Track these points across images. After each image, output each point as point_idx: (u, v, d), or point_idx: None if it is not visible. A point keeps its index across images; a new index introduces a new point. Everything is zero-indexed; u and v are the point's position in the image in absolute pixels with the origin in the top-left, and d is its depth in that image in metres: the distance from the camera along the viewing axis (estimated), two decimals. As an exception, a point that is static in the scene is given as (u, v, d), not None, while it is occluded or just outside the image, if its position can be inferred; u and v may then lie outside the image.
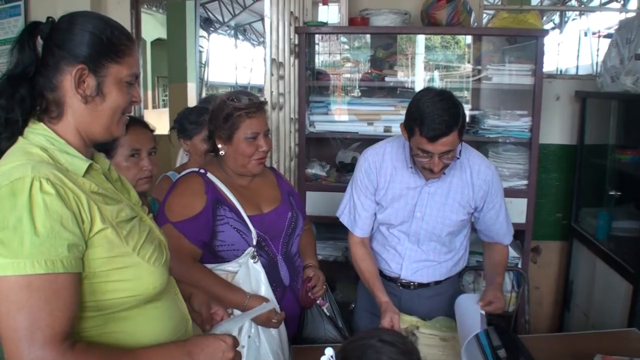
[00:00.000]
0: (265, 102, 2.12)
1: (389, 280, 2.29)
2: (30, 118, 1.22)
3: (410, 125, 1.97)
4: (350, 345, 1.24)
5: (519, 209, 3.21)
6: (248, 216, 2.02)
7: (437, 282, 2.29)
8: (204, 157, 2.33)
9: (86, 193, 1.18)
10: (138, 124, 1.99)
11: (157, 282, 1.28)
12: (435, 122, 1.89)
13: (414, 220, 2.19)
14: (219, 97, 2.12)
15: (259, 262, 2.01)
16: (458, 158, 2.05)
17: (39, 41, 1.21)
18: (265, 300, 1.98)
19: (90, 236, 1.16)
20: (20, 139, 1.21)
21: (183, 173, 2.13)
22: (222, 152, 2.07)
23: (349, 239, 2.33)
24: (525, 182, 3.27)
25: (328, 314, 2.20)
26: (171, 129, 2.86)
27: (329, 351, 1.19)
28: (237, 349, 1.31)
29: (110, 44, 1.22)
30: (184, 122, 2.73)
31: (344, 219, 2.32)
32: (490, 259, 2.32)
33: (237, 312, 1.95)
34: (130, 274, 1.22)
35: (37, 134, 1.21)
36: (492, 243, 2.33)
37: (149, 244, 1.29)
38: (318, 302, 2.19)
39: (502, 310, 2.02)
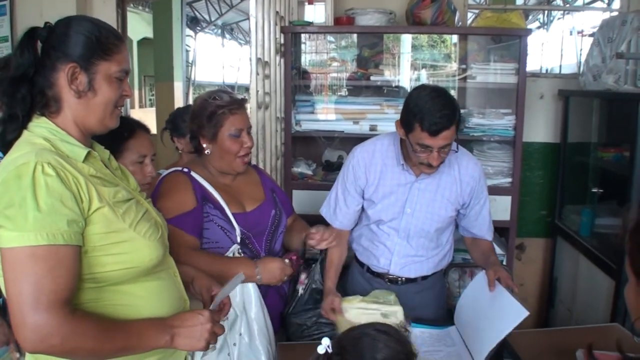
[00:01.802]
0: (245, 99, 2.14)
1: (376, 276, 2.31)
2: (33, 113, 1.36)
3: (409, 121, 1.98)
4: (346, 335, 1.26)
5: (503, 207, 3.23)
6: (232, 214, 2.03)
7: (424, 277, 2.31)
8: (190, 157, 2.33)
9: (85, 176, 1.30)
10: (143, 129, 2.00)
11: (152, 255, 1.40)
12: (436, 116, 1.92)
13: (404, 216, 2.21)
14: (199, 97, 2.14)
15: None
16: (456, 151, 2.09)
17: (39, 44, 1.35)
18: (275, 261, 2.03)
19: (89, 214, 1.28)
20: (25, 132, 1.35)
21: (166, 172, 2.13)
22: (207, 152, 2.08)
23: None
24: (510, 179, 3.30)
25: (301, 292, 2.18)
26: (163, 129, 2.88)
27: (326, 341, 1.20)
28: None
29: (99, 44, 1.35)
30: (177, 120, 2.76)
31: (323, 211, 2.35)
32: (478, 248, 2.33)
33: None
34: (127, 247, 1.35)
35: (40, 126, 1.35)
36: (474, 237, 2.35)
37: (145, 221, 1.42)
38: (300, 279, 2.19)
39: (511, 281, 2.04)
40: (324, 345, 1.20)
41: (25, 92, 1.33)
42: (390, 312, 2.07)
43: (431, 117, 1.92)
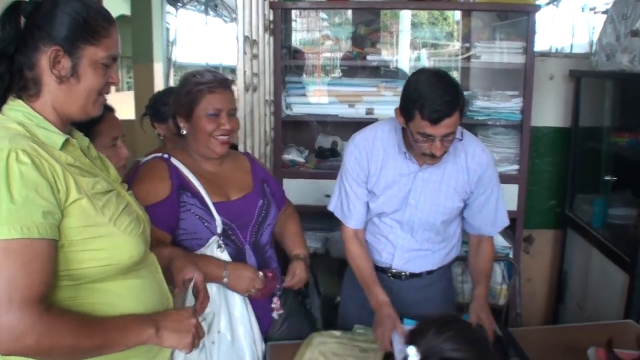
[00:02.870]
0: (231, 80, 2.14)
1: (378, 271, 2.31)
2: (9, 95, 1.34)
3: (409, 109, 1.97)
4: (430, 337, 1.30)
5: (510, 196, 3.24)
6: (213, 203, 2.03)
7: (430, 272, 2.32)
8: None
9: (62, 165, 1.29)
10: (110, 110, 2.00)
11: (133, 252, 1.40)
12: (437, 103, 1.90)
13: (407, 208, 2.21)
14: (184, 76, 2.16)
15: (225, 252, 2.03)
16: (461, 140, 2.08)
17: (22, 20, 1.32)
18: (247, 269, 2.02)
19: (66, 206, 1.27)
20: None
21: (146, 159, 2.14)
22: (184, 131, 2.10)
23: (342, 233, 2.32)
24: (517, 167, 3.31)
25: (276, 318, 2.18)
26: (143, 115, 2.87)
27: (412, 350, 1.26)
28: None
29: (87, 26, 1.33)
30: (157, 105, 2.75)
31: (337, 212, 2.32)
32: (476, 264, 2.34)
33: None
34: (106, 243, 1.34)
35: (15, 110, 1.33)
36: (478, 242, 2.35)
37: (126, 216, 1.41)
38: (273, 304, 2.16)
39: (494, 326, 2.06)
40: (413, 354, 1.25)
41: (3, 71, 1.31)
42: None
43: (432, 104, 1.90)
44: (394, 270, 2.31)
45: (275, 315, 2.17)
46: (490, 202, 2.27)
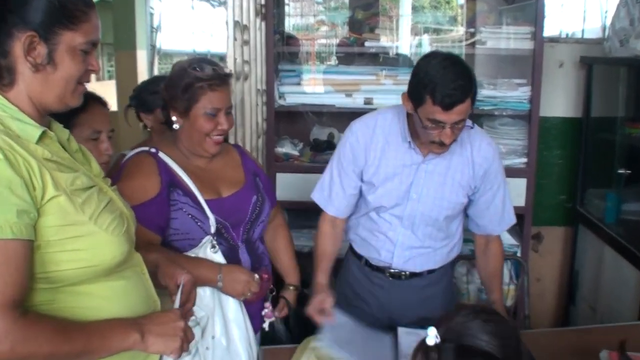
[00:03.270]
0: (230, 75, 2.12)
1: (376, 270, 2.33)
2: None
3: (419, 94, 1.97)
4: (453, 319, 1.29)
5: (517, 191, 3.25)
6: (205, 201, 2.03)
7: (431, 271, 2.33)
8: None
9: (38, 160, 1.27)
10: (98, 101, 2.00)
11: (116, 252, 1.39)
12: (450, 87, 1.91)
13: (409, 202, 2.21)
14: (179, 63, 2.12)
15: (219, 253, 2.03)
16: (471, 127, 2.10)
17: None
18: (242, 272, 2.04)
19: (43, 203, 1.26)
20: None
21: (131, 153, 2.12)
22: (176, 126, 2.07)
23: (320, 218, 2.36)
24: (525, 160, 3.32)
25: (267, 329, 2.22)
26: (127, 106, 2.86)
27: (433, 331, 1.23)
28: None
29: (63, 10, 1.30)
30: (142, 94, 2.73)
31: (316, 196, 2.34)
32: (485, 267, 2.38)
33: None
34: (86, 243, 1.33)
35: None
36: (485, 243, 2.38)
37: (108, 213, 1.39)
38: (264, 312, 2.21)
39: None
40: (432, 335, 1.22)
41: None
42: None
43: (444, 88, 1.91)
44: (393, 270, 2.31)
45: (266, 325, 2.20)
46: (497, 198, 2.28)
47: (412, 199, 2.21)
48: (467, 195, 2.25)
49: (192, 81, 2.00)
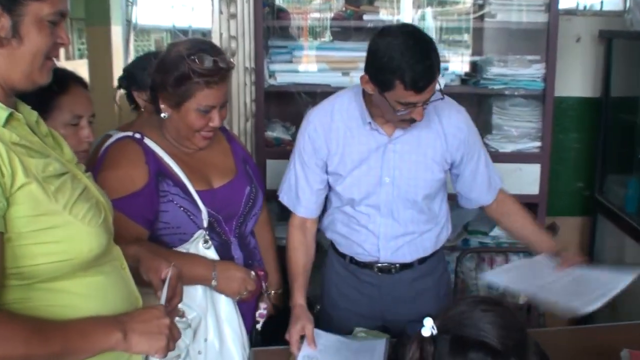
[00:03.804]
0: (232, 66, 2.08)
1: (363, 267, 2.34)
2: None
3: (386, 79, 1.98)
4: (452, 310, 1.29)
5: (530, 178, 3.27)
6: (197, 192, 2.03)
7: (422, 261, 2.34)
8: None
9: (5, 144, 1.26)
10: (79, 83, 1.99)
11: (93, 244, 1.38)
12: (420, 70, 1.93)
13: (382, 187, 2.22)
14: (176, 45, 2.04)
15: (212, 248, 2.03)
16: (442, 98, 2.10)
17: None
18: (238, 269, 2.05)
19: (12, 192, 1.24)
20: None
21: (113, 139, 2.09)
22: (164, 115, 2.03)
23: (289, 221, 2.36)
24: (539, 144, 3.33)
25: (259, 329, 2.24)
26: (117, 88, 2.86)
27: (429, 322, 1.23)
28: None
29: None
30: (135, 71, 2.72)
31: (284, 198, 2.35)
32: (513, 225, 2.41)
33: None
34: (60, 234, 1.32)
35: None
36: (494, 208, 2.39)
37: (84, 202, 1.39)
38: (258, 312, 2.23)
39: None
40: (429, 326, 1.23)
41: None
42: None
43: (414, 72, 1.93)
44: (381, 264, 2.31)
45: (259, 326, 2.22)
46: (481, 165, 2.31)
47: (385, 184, 2.22)
48: (443, 170, 2.27)
49: (188, 74, 1.94)
